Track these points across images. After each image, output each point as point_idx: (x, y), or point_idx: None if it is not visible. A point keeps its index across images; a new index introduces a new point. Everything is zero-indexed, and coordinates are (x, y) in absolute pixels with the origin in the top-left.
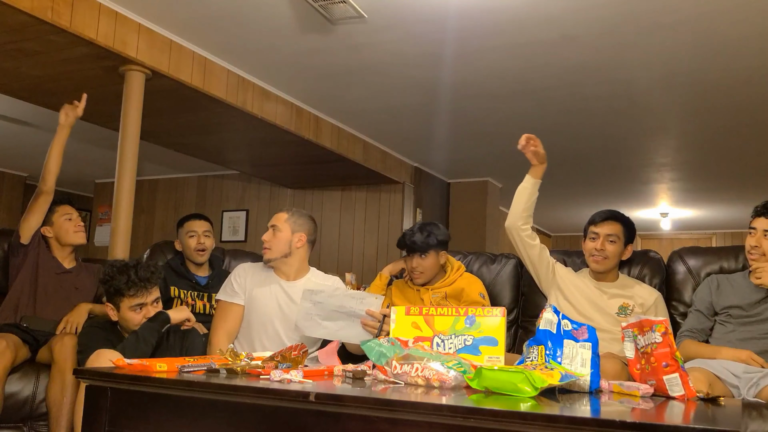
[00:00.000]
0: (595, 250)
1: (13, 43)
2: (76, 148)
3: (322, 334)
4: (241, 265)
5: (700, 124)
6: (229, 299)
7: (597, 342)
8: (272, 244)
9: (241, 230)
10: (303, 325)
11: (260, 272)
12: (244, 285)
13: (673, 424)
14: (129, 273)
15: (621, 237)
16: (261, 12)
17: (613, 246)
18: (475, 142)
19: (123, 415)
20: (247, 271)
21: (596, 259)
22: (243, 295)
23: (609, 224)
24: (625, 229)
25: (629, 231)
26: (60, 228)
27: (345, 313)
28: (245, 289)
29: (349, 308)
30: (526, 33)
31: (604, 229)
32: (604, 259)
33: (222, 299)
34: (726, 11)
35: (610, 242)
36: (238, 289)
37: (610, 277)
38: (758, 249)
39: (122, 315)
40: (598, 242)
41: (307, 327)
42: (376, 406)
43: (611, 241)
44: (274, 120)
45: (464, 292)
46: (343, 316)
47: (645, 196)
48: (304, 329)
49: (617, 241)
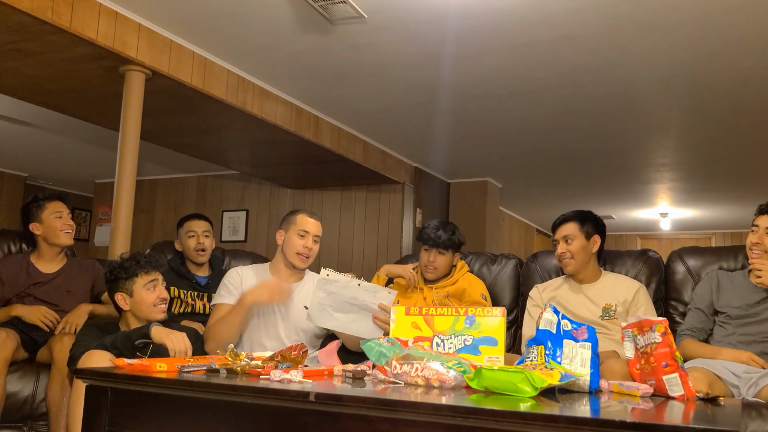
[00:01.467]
0: (560, 255)
1: (13, 43)
2: (76, 148)
3: (333, 326)
4: (233, 269)
5: (700, 124)
6: (224, 301)
7: (597, 342)
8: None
9: (241, 230)
10: (315, 315)
11: (255, 274)
12: (240, 286)
13: (672, 424)
14: (137, 257)
15: (578, 233)
16: (261, 12)
17: (572, 244)
18: (475, 142)
19: (123, 415)
20: (241, 274)
21: (564, 263)
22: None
23: (562, 227)
24: (579, 224)
25: (585, 224)
26: (49, 226)
27: (357, 305)
28: (241, 290)
29: (361, 301)
30: (526, 33)
31: (560, 233)
32: (570, 260)
33: (217, 302)
34: (726, 12)
35: (568, 243)
36: (234, 290)
37: (589, 277)
38: (760, 246)
39: (136, 298)
40: (559, 247)
41: (318, 317)
42: (376, 406)
43: (569, 241)
44: (274, 120)
45: (466, 292)
46: (355, 308)
47: (645, 196)
48: (316, 319)
49: (575, 238)
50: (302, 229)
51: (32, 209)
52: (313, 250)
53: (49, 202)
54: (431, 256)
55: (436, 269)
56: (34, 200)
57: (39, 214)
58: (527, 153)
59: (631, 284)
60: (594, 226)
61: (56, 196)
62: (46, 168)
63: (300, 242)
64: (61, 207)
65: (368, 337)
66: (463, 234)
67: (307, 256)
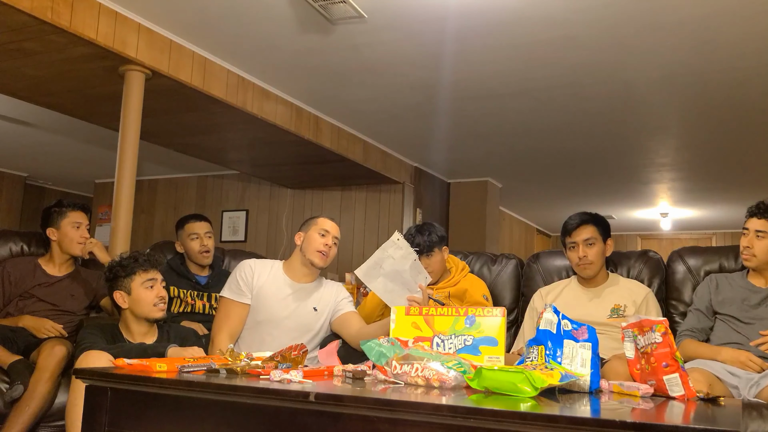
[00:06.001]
0: (579, 259)
1: (13, 43)
2: (76, 148)
3: (373, 287)
4: (246, 261)
5: (701, 123)
6: (235, 298)
7: (597, 342)
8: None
9: (240, 230)
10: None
11: (269, 271)
12: (251, 283)
13: (673, 424)
14: (136, 255)
15: (598, 237)
16: (261, 12)
17: (593, 248)
18: (475, 142)
19: (123, 415)
20: (254, 269)
21: (583, 267)
22: (249, 294)
23: (583, 229)
24: (599, 227)
25: (604, 228)
26: (65, 235)
27: (403, 279)
28: (252, 287)
29: (408, 277)
30: (526, 33)
31: (580, 235)
32: (590, 264)
33: (227, 297)
34: (726, 11)
35: (589, 246)
36: (244, 287)
37: (599, 280)
38: (750, 250)
39: (134, 296)
40: (579, 250)
41: (366, 272)
42: (376, 406)
43: (590, 244)
44: (274, 120)
45: (467, 293)
46: (399, 281)
47: (645, 196)
48: (363, 274)
49: (596, 243)
50: (323, 228)
51: (53, 214)
52: (332, 249)
53: (71, 210)
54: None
55: (433, 272)
56: (57, 205)
57: (58, 221)
58: (527, 153)
59: (641, 288)
60: (606, 230)
61: (79, 206)
62: (46, 168)
63: (321, 240)
64: (82, 218)
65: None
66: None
67: (326, 254)
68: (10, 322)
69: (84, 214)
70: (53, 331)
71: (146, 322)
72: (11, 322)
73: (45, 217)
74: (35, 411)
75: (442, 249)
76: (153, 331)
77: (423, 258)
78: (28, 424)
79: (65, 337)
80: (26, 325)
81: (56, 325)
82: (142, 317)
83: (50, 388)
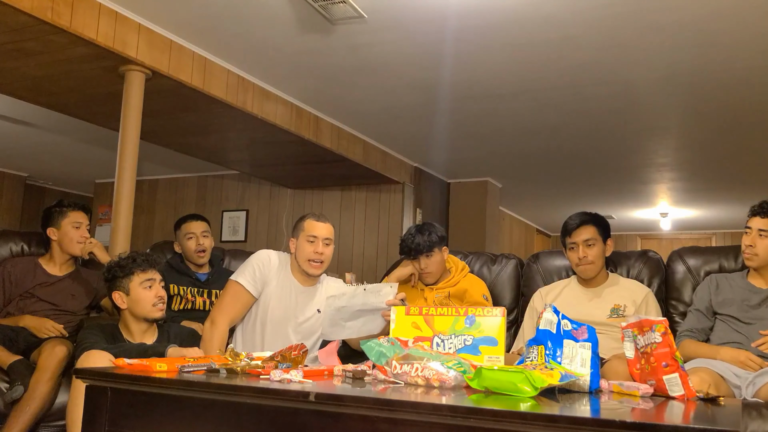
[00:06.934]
0: (579, 259)
1: (13, 43)
2: (76, 148)
3: (348, 335)
4: (265, 251)
5: (700, 124)
6: (247, 287)
7: (597, 342)
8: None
9: (241, 230)
10: (329, 332)
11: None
12: (266, 276)
13: (672, 424)
14: (134, 255)
15: (598, 237)
16: (261, 12)
17: (593, 249)
18: (475, 142)
19: (123, 415)
20: (271, 261)
21: (583, 267)
22: (261, 288)
23: (583, 229)
24: (599, 228)
25: (604, 228)
26: (65, 235)
27: (367, 309)
28: (264, 282)
29: (370, 304)
30: (526, 33)
31: (581, 235)
32: (590, 265)
33: (239, 282)
34: (726, 11)
35: (589, 246)
36: (259, 278)
37: (598, 280)
38: (752, 249)
39: (133, 296)
40: (579, 250)
41: (332, 332)
42: (376, 406)
43: (590, 245)
44: (274, 120)
45: (467, 293)
46: (366, 312)
47: (645, 196)
48: (331, 335)
49: (596, 243)
50: (311, 235)
51: (54, 214)
52: (325, 254)
53: (72, 210)
54: (422, 264)
55: (432, 272)
56: (58, 205)
57: (59, 221)
58: (527, 153)
59: (641, 288)
60: (607, 230)
61: (80, 206)
62: (46, 168)
63: (310, 249)
64: (82, 218)
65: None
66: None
67: (319, 261)
68: (11, 321)
69: (84, 214)
70: (54, 331)
71: (146, 322)
72: (12, 321)
73: (45, 216)
74: (35, 411)
75: (441, 249)
76: (153, 331)
77: (423, 258)
78: (28, 424)
79: (66, 337)
80: (27, 324)
81: (57, 325)
82: (141, 317)
83: (51, 388)
